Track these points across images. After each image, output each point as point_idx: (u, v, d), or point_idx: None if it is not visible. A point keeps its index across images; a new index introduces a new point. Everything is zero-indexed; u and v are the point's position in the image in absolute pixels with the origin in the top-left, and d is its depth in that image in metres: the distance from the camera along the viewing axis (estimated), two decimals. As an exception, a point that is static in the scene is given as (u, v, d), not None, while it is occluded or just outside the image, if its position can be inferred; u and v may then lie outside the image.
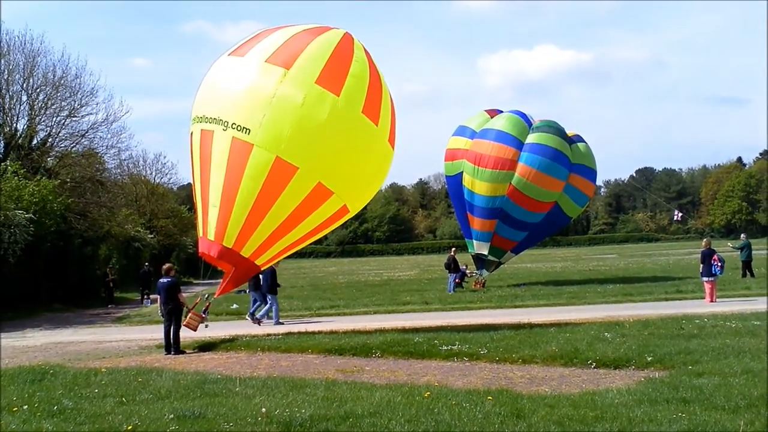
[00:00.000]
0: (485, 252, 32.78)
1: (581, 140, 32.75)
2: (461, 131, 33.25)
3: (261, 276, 23.19)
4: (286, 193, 16.42)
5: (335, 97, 16.53)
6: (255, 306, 23.96)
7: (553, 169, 30.71)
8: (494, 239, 32.27)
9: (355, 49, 17.74)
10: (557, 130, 31.74)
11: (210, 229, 16.72)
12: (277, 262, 23.61)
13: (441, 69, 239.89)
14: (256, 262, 17.33)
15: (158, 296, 18.41)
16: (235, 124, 16.26)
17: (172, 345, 17.36)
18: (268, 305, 23.20)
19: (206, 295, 18.64)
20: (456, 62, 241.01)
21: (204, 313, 18.14)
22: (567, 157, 31.23)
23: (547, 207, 31.53)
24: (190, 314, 17.87)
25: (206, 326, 18.33)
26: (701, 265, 24.13)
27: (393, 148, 18.43)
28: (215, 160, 16.53)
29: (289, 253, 18.46)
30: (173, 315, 17.59)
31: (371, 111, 17.18)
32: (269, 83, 16.38)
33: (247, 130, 16.18)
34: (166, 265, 18.81)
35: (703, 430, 8.27)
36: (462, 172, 32.29)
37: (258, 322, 22.73)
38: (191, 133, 17.45)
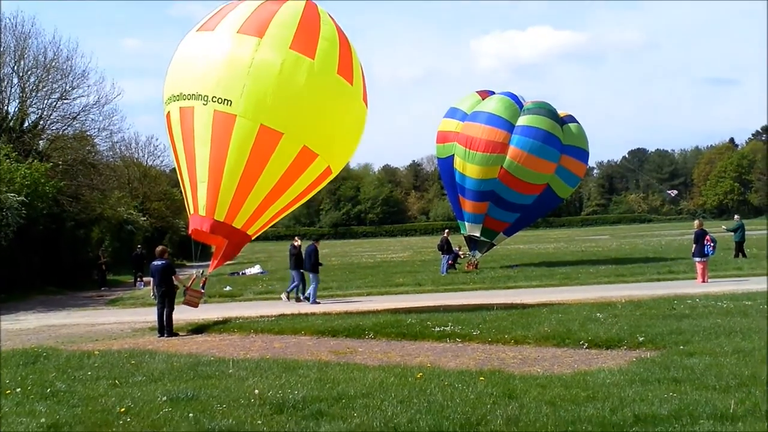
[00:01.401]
0: (477, 233, 32.84)
1: (573, 120, 32.70)
2: (452, 113, 33.17)
3: (303, 255, 23.61)
4: (272, 159, 16.63)
5: (311, 61, 16.75)
6: (293, 286, 24.19)
7: (544, 151, 30.70)
8: (486, 221, 32.34)
9: (321, 13, 17.98)
10: (549, 112, 31.68)
11: (200, 204, 16.82)
12: (318, 240, 23.93)
13: (434, 51, 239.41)
14: (248, 232, 17.62)
15: (151, 279, 18.36)
16: (215, 97, 16.33)
17: (166, 327, 17.34)
18: (314, 284, 23.30)
19: (201, 271, 18.70)
20: (449, 44, 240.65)
21: (201, 288, 18.29)
22: (558, 138, 31.20)
23: (538, 189, 31.57)
24: (188, 292, 18.02)
25: (204, 301, 18.49)
26: (694, 246, 24.19)
27: (366, 106, 18.74)
28: (198, 136, 16.60)
29: (277, 220, 18.84)
30: (166, 297, 17.56)
31: (345, 71, 17.48)
32: (245, 53, 16.49)
33: (229, 102, 16.27)
34: (159, 248, 18.76)
35: (694, 409, 8.30)
36: (453, 155, 32.26)
37: (305, 299, 23.15)
38: (168, 113, 17.47)
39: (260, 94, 16.40)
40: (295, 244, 24.59)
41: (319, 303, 22.74)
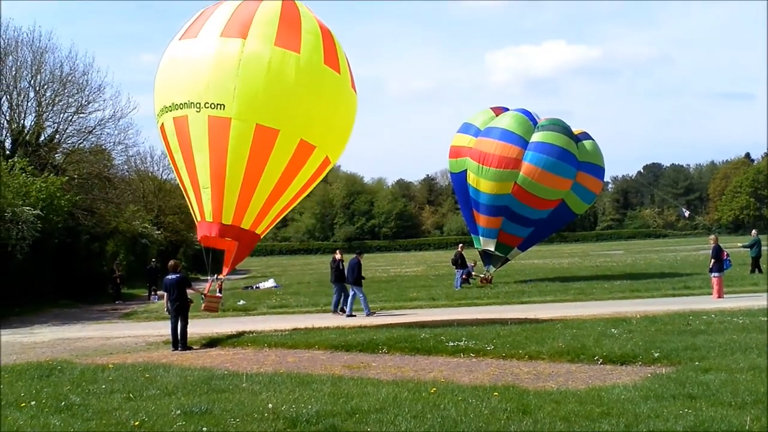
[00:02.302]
0: (492, 248, 32.77)
1: (588, 138, 32.69)
2: (466, 128, 33.22)
3: (346, 268, 23.76)
4: (272, 157, 16.84)
5: (297, 55, 16.92)
6: (337, 299, 24.19)
7: (560, 167, 30.66)
8: (500, 236, 32.28)
9: (299, 7, 18.13)
10: (563, 129, 31.68)
11: (206, 211, 17.06)
12: (362, 254, 23.84)
13: (448, 65, 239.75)
14: (256, 231, 17.84)
15: (165, 293, 18.37)
16: (207, 102, 16.48)
17: (180, 341, 17.39)
18: (351, 296, 23.38)
19: (215, 276, 18.81)
20: (463, 58, 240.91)
21: (219, 293, 18.55)
22: (574, 155, 31.18)
23: (553, 204, 31.55)
24: (207, 298, 18.20)
25: (221, 305, 19.10)
26: (712, 261, 24.06)
27: (355, 92, 18.88)
28: (196, 144, 16.77)
29: (284, 215, 19.13)
30: (180, 311, 17.63)
31: (331, 61, 17.66)
32: (231, 55, 16.60)
33: (222, 106, 16.43)
34: (172, 262, 18.81)
35: (710, 426, 8.25)
36: (466, 170, 32.28)
37: (350, 315, 23.00)
38: (161, 125, 17.61)
39: (252, 94, 16.56)
40: (337, 257, 24.66)
41: (374, 313, 22.92)
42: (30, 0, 60.79)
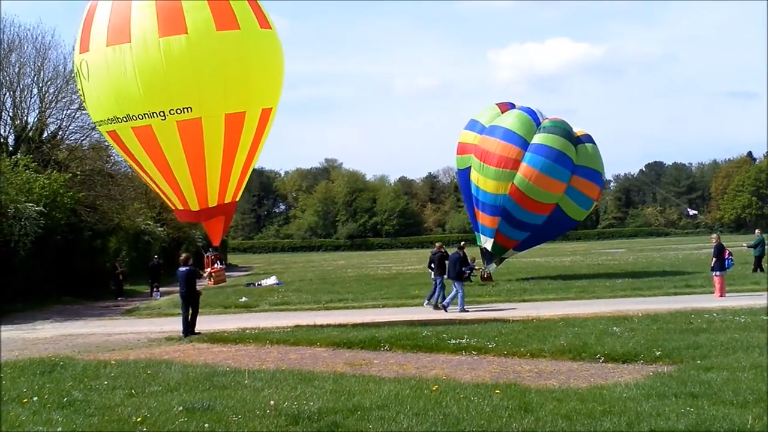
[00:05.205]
0: (489, 247, 32.77)
1: (590, 140, 32.34)
2: (472, 125, 33.16)
3: (447, 262, 23.61)
4: (243, 136, 17.19)
5: (239, 32, 16.63)
6: (436, 293, 23.94)
7: (554, 170, 30.42)
8: (497, 236, 32.17)
9: None
10: (563, 131, 31.35)
11: (190, 202, 17.56)
12: (463, 247, 24.55)
13: (453, 62, 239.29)
14: (237, 199, 18.48)
15: (179, 284, 19.32)
16: (172, 109, 16.27)
17: (189, 327, 18.39)
18: (453, 292, 23.14)
19: (210, 249, 19.32)
20: (468, 56, 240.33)
21: (221, 264, 19.49)
22: (570, 158, 30.89)
23: (547, 209, 31.25)
24: (212, 274, 19.35)
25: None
26: (713, 260, 24.08)
27: (270, 27, 17.95)
28: (167, 147, 16.77)
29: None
30: (191, 301, 18.53)
31: (263, 21, 17.41)
32: (182, 55, 16.00)
33: (189, 109, 16.32)
34: (184, 255, 19.87)
35: (711, 424, 8.26)
36: (470, 167, 32.29)
37: (444, 308, 22.87)
38: (112, 132, 17.26)
39: (214, 88, 16.48)
40: (442, 251, 24.52)
41: (467, 311, 22.53)
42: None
